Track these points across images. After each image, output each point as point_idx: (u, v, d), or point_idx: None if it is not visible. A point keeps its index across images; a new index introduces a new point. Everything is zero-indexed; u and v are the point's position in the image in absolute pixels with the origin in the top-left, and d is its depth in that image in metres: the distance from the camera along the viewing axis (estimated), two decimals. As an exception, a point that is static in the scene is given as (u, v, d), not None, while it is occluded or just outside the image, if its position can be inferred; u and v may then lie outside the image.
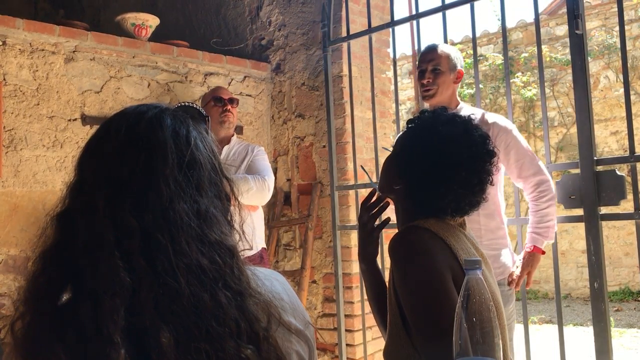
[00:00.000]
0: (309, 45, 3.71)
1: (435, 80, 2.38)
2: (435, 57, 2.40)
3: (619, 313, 6.74)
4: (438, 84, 2.38)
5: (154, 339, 0.66)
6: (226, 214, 0.82)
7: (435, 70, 2.38)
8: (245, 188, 2.81)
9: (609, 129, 7.76)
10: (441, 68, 2.38)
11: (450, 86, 2.42)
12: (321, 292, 3.57)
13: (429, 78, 2.39)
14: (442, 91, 2.39)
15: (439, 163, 1.33)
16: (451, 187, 1.32)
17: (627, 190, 2.45)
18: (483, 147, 1.37)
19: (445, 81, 2.39)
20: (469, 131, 1.37)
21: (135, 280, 0.69)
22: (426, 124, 1.41)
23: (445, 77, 2.39)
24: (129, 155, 0.77)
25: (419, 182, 1.36)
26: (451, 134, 1.35)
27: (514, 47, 8.46)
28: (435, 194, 1.34)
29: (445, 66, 2.39)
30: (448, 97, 2.42)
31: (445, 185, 1.32)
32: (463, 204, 1.37)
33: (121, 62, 3.22)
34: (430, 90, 2.39)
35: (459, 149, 1.33)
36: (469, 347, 0.97)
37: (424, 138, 1.38)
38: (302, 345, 0.84)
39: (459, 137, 1.35)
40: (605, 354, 2.37)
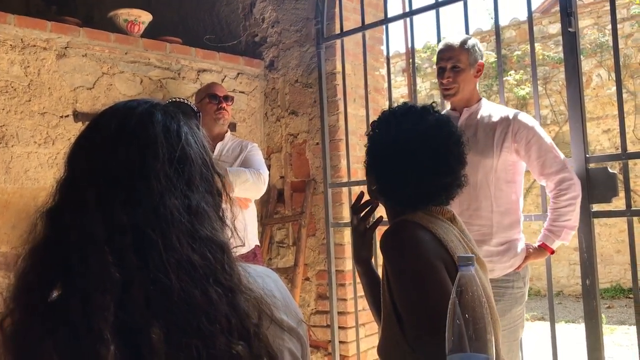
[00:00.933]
0: (303, 42, 3.70)
1: (455, 78, 2.31)
2: (454, 54, 2.31)
3: (610, 310, 6.78)
4: (458, 82, 2.31)
5: (144, 335, 0.66)
6: (218, 209, 0.81)
7: (455, 68, 2.30)
8: (242, 179, 2.82)
9: (601, 127, 7.80)
10: (461, 65, 2.30)
11: (472, 81, 2.35)
12: (314, 289, 3.57)
13: (448, 77, 2.31)
14: (463, 88, 2.32)
15: (396, 155, 1.36)
16: (414, 175, 1.35)
17: (619, 187, 2.47)
18: (440, 131, 1.38)
19: (466, 78, 2.32)
20: (423, 118, 1.39)
21: (125, 276, 0.68)
22: (382, 121, 1.44)
23: (466, 74, 2.31)
24: (119, 150, 0.77)
25: (384, 177, 1.40)
26: (405, 124, 1.38)
27: (507, 46, 8.48)
28: (400, 185, 1.37)
29: (465, 62, 2.30)
30: (469, 93, 2.36)
31: (407, 174, 1.35)
32: (435, 190, 1.38)
33: (113, 58, 3.20)
34: (450, 89, 2.33)
35: (413, 137, 1.35)
36: (461, 343, 0.98)
37: (381, 135, 1.42)
38: (295, 342, 0.84)
39: (412, 126, 1.37)
40: (596, 351, 2.39)
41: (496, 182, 2.26)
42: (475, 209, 2.26)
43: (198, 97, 3.12)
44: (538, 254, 2.27)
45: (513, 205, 2.29)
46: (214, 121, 3.02)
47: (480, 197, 2.25)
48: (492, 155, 2.24)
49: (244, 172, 2.85)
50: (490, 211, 2.25)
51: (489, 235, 2.24)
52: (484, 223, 2.25)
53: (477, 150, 2.27)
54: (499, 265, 2.22)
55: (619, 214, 2.48)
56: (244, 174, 2.84)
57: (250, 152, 3.02)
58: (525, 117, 2.30)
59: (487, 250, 2.23)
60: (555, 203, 2.23)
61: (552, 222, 2.24)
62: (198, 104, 3.06)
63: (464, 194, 2.27)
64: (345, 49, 3.39)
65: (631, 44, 7.58)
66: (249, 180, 2.85)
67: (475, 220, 2.25)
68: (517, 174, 2.31)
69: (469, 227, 2.24)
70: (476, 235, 2.25)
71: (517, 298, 2.23)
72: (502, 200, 2.26)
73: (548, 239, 2.24)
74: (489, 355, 0.97)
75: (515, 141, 2.24)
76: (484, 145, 2.27)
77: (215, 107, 3.01)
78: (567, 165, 2.24)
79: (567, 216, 2.20)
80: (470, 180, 2.24)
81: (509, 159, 2.26)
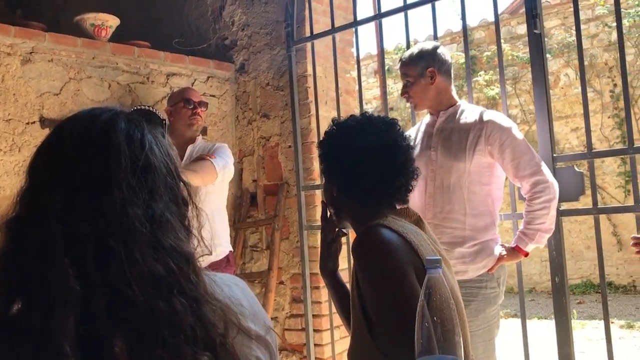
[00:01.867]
0: (273, 45, 3.70)
1: (409, 92, 2.38)
2: (404, 70, 2.39)
3: (581, 305, 6.91)
4: (412, 95, 2.38)
5: (106, 347, 0.65)
6: (183, 219, 0.81)
7: (407, 84, 2.38)
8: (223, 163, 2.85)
9: (569, 126, 7.94)
10: (410, 79, 2.37)
11: (429, 89, 2.37)
12: (289, 292, 3.56)
13: (404, 93, 2.40)
14: (420, 99, 2.39)
15: (347, 156, 1.42)
16: (366, 174, 1.40)
17: (586, 186, 2.51)
18: (387, 135, 1.43)
19: (418, 89, 2.37)
20: (371, 120, 1.46)
21: (87, 288, 0.67)
22: (330, 130, 1.49)
23: (417, 85, 2.36)
24: (81, 159, 0.75)
25: (340, 182, 1.44)
26: (353, 128, 1.45)
27: (477, 46, 8.59)
28: (356, 186, 1.41)
29: (413, 75, 2.36)
30: (433, 99, 2.39)
31: (361, 173, 1.40)
32: (391, 188, 1.42)
33: (81, 63, 3.15)
34: (411, 103, 2.43)
35: (363, 141, 1.41)
36: (430, 345, 0.98)
37: (329, 142, 1.48)
38: (263, 350, 0.83)
39: (360, 128, 1.44)
40: (566, 347, 2.43)
41: (469, 185, 2.27)
42: (449, 211, 2.27)
43: (171, 101, 3.08)
44: (511, 256, 2.27)
45: (488, 207, 2.30)
46: (188, 126, 2.99)
47: (453, 200, 2.27)
48: (464, 159, 2.26)
49: (221, 159, 2.86)
50: (463, 214, 2.26)
51: (462, 237, 2.25)
52: (457, 226, 2.26)
53: (451, 154, 2.29)
54: (473, 266, 2.24)
55: (585, 212, 2.53)
56: (221, 161, 2.85)
57: (215, 148, 2.99)
58: (499, 118, 2.30)
59: (460, 252, 2.24)
60: (529, 206, 2.22)
61: (526, 225, 2.24)
62: (172, 107, 3.03)
63: (438, 197, 2.31)
64: (316, 51, 3.40)
65: (597, 44, 7.74)
66: (228, 165, 2.89)
67: (449, 223, 2.27)
68: (493, 175, 2.31)
69: (442, 229, 2.27)
70: (449, 237, 2.26)
71: (490, 298, 2.25)
72: (475, 202, 2.27)
73: (522, 242, 2.24)
74: (457, 357, 0.98)
75: (489, 144, 2.25)
76: (457, 149, 2.28)
77: (189, 112, 2.99)
78: (543, 167, 2.23)
79: (542, 219, 2.20)
80: (443, 184, 2.28)
81: (483, 162, 2.27)
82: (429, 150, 2.36)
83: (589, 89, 7.49)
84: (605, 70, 7.66)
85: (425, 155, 2.36)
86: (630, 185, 6.76)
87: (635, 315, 6.16)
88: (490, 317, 2.25)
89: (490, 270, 2.25)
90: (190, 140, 3.05)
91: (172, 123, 3.03)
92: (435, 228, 2.27)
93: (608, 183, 7.71)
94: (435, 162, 2.32)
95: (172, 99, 3.09)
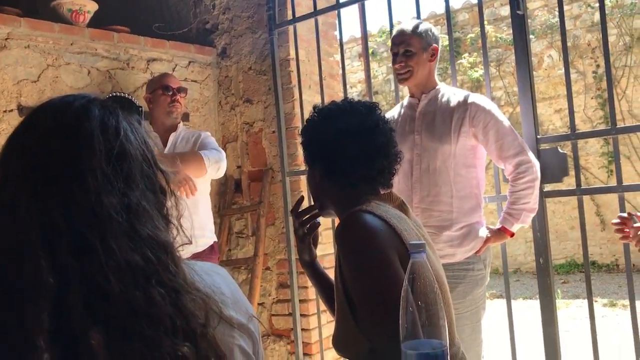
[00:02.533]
0: (255, 29, 3.65)
1: (407, 62, 2.32)
2: (405, 39, 2.33)
3: (565, 285, 7.00)
4: (411, 66, 2.32)
5: (83, 341, 0.63)
6: (161, 207, 0.79)
7: (407, 52, 2.32)
8: (216, 159, 2.85)
9: (553, 107, 7.98)
10: (412, 49, 2.31)
11: (426, 65, 2.35)
12: (275, 278, 3.55)
13: (401, 62, 2.33)
14: (417, 72, 2.33)
15: (330, 141, 1.41)
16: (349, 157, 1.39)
17: (570, 167, 2.52)
18: (368, 118, 1.43)
19: (419, 61, 2.33)
20: (352, 104, 1.45)
21: (62, 281, 0.65)
22: (311, 117, 1.49)
23: (418, 57, 2.32)
24: (53, 147, 0.73)
25: (322, 167, 1.43)
26: (334, 112, 1.44)
27: (461, 28, 8.57)
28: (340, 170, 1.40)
29: (416, 46, 2.32)
30: (424, 77, 2.37)
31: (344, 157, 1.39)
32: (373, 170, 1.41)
33: (58, 49, 3.09)
34: (404, 73, 2.34)
35: (344, 124, 1.40)
36: (415, 330, 0.98)
37: (310, 129, 1.47)
38: (245, 339, 0.82)
39: (341, 113, 1.43)
40: (551, 326, 2.45)
41: (455, 167, 2.27)
42: (436, 194, 2.27)
43: (150, 88, 3.03)
44: (498, 237, 2.29)
45: (473, 189, 2.30)
46: (168, 114, 2.95)
47: (439, 183, 2.27)
48: (449, 141, 2.26)
49: (217, 153, 2.88)
50: (450, 196, 2.27)
51: (450, 220, 2.26)
52: (444, 209, 2.26)
53: (435, 137, 2.28)
54: (460, 249, 2.25)
55: (569, 193, 2.54)
56: (217, 154, 2.87)
57: (203, 139, 2.98)
58: (482, 100, 2.31)
59: (448, 235, 2.25)
60: (513, 186, 2.25)
61: (511, 205, 2.26)
62: (150, 94, 2.99)
63: (424, 180, 2.30)
64: (299, 34, 3.36)
65: (580, 24, 7.76)
66: (222, 160, 2.89)
67: (436, 206, 2.27)
68: (477, 157, 2.32)
69: (429, 213, 2.27)
70: (437, 221, 2.27)
71: (477, 280, 2.27)
72: (461, 185, 2.28)
73: (507, 222, 2.26)
74: (442, 340, 0.98)
75: (473, 125, 2.25)
76: (442, 132, 2.28)
77: (168, 99, 2.95)
78: (526, 148, 2.25)
79: (526, 199, 2.22)
80: (429, 167, 2.28)
81: (467, 144, 2.27)
82: (412, 134, 2.35)
83: (572, 70, 7.52)
84: (588, 51, 7.68)
85: (408, 139, 2.35)
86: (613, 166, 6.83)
87: (618, 294, 6.25)
88: (477, 298, 2.27)
89: (477, 253, 2.27)
90: (172, 127, 3.02)
91: (152, 110, 2.99)
92: (423, 212, 2.28)
93: (591, 164, 7.77)
94: (419, 145, 2.32)
95: (150, 86, 3.05)
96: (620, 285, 6.59)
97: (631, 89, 7.34)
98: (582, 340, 4.60)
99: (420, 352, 0.96)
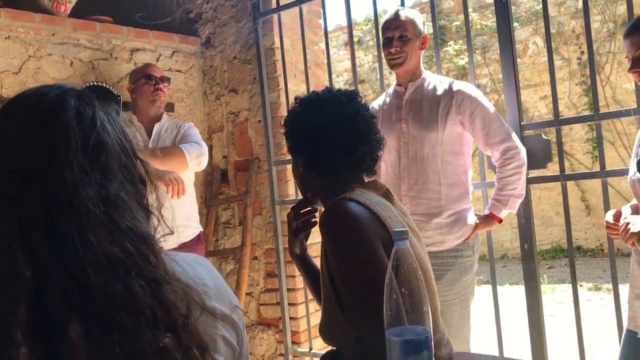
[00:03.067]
0: (239, 18, 3.62)
1: (402, 47, 2.31)
2: (400, 24, 2.32)
3: (551, 270, 7.08)
4: (406, 51, 2.32)
5: (61, 333, 0.63)
6: (140, 198, 0.78)
7: (402, 37, 2.31)
8: (197, 153, 2.84)
9: (538, 94, 8.02)
10: (408, 35, 2.31)
11: (417, 53, 2.36)
12: (263, 268, 3.56)
13: (396, 46, 2.31)
14: (410, 58, 2.33)
15: (312, 130, 1.41)
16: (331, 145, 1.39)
17: (554, 153, 2.54)
18: (349, 105, 1.43)
19: (413, 48, 2.33)
20: (332, 93, 1.45)
21: (39, 274, 0.65)
22: (293, 108, 1.49)
23: (413, 43, 2.33)
24: (28, 139, 0.72)
25: (305, 157, 1.44)
26: (315, 102, 1.44)
27: (446, 16, 8.56)
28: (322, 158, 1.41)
29: (411, 32, 2.32)
30: (415, 65, 2.37)
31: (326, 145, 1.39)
32: (355, 156, 1.41)
33: (40, 40, 3.05)
34: (398, 58, 2.33)
35: (325, 112, 1.41)
36: (399, 317, 0.99)
37: (292, 119, 1.47)
38: (229, 329, 0.82)
39: (322, 102, 1.43)
40: (535, 311, 2.48)
41: (442, 155, 2.28)
42: (424, 182, 2.28)
43: (133, 78, 3.01)
44: (486, 223, 2.31)
45: (461, 176, 2.31)
46: (151, 103, 2.94)
47: (427, 170, 2.28)
48: (437, 129, 2.26)
49: (198, 147, 2.87)
50: (438, 184, 2.27)
51: (439, 208, 2.27)
52: (432, 196, 2.27)
53: (422, 124, 2.29)
54: (450, 236, 2.26)
55: (553, 179, 2.56)
56: (198, 148, 2.87)
57: (186, 131, 2.97)
58: (468, 87, 2.32)
59: (438, 222, 2.26)
60: (501, 172, 2.26)
61: (498, 192, 2.27)
62: (133, 85, 2.97)
63: (412, 168, 2.31)
64: (283, 23, 3.34)
65: (564, 11, 7.78)
66: (203, 155, 2.89)
67: (424, 194, 2.28)
68: (464, 145, 2.33)
69: (418, 200, 2.28)
70: (426, 208, 2.28)
71: (466, 267, 2.28)
72: (449, 172, 2.28)
73: (495, 208, 2.28)
74: (426, 327, 0.99)
75: (459, 112, 2.26)
76: (429, 119, 2.28)
77: (152, 88, 2.93)
78: (512, 134, 2.27)
79: (513, 185, 2.24)
80: (417, 155, 2.28)
81: (454, 131, 2.28)
82: (399, 122, 2.35)
83: (557, 57, 7.55)
84: (572, 38, 7.71)
85: (395, 128, 2.35)
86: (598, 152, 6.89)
87: (603, 278, 6.33)
88: (466, 285, 2.29)
89: (466, 240, 2.28)
90: (156, 118, 3.01)
91: (135, 101, 2.98)
92: (412, 200, 2.28)
93: (576, 150, 7.83)
94: (406, 134, 2.32)
95: (133, 76, 3.03)
96: (605, 270, 6.67)
97: (615, 75, 7.38)
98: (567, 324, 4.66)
99: (405, 339, 0.97)
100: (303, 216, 1.52)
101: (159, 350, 0.67)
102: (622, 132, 7.33)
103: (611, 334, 4.22)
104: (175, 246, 2.75)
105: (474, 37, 8.06)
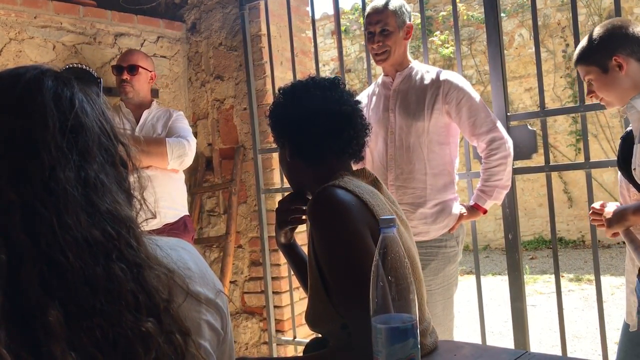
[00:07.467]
0: (225, 4, 3.58)
1: (385, 42, 2.29)
2: (381, 17, 2.29)
3: (533, 261, 7.15)
4: (389, 45, 2.30)
5: (40, 318, 0.61)
6: (121, 181, 0.76)
7: (384, 31, 2.29)
8: (180, 152, 2.76)
9: (523, 86, 8.06)
10: (389, 28, 2.29)
11: (402, 44, 2.34)
12: (247, 256, 3.54)
13: (378, 41, 2.29)
14: (394, 51, 2.31)
15: (297, 118, 1.40)
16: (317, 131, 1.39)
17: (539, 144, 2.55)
18: (332, 90, 1.43)
19: (396, 41, 2.31)
20: (315, 80, 1.45)
21: (16, 258, 0.63)
22: (276, 99, 1.48)
23: (395, 36, 2.30)
24: (4, 121, 0.70)
25: (291, 145, 1.43)
26: (298, 90, 1.44)
27: (433, 7, 8.56)
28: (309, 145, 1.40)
29: (393, 25, 2.29)
30: (400, 56, 2.35)
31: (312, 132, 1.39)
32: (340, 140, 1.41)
33: (22, 23, 2.99)
34: (382, 53, 2.31)
35: (309, 98, 1.40)
36: (385, 304, 0.98)
37: (276, 109, 1.47)
38: (213, 314, 0.81)
39: (305, 90, 1.43)
40: (518, 301, 2.50)
41: (429, 145, 2.27)
42: (410, 171, 2.28)
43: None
44: (471, 214, 2.32)
45: (447, 166, 2.31)
46: (122, 94, 2.92)
47: (413, 159, 2.27)
48: (423, 118, 2.26)
49: (182, 145, 2.78)
50: (424, 173, 2.27)
51: (424, 197, 2.27)
52: (418, 185, 2.27)
53: (409, 114, 2.28)
54: (434, 226, 2.26)
55: (538, 170, 2.57)
56: (183, 146, 2.77)
57: (175, 121, 2.93)
58: (455, 77, 2.31)
59: (423, 212, 2.26)
60: (486, 163, 2.26)
61: (484, 182, 2.28)
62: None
63: (398, 158, 2.31)
64: (270, 10, 3.30)
65: (550, 3, 7.81)
66: (186, 154, 2.80)
67: (410, 183, 2.28)
68: (450, 135, 2.33)
69: (404, 190, 2.28)
70: (411, 198, 2.27)
71: (450, 257, 2.29)
72: (435, 162, 2.28)
73: (480, 199, 2.29)
74: (412, 315, 0.98)
75: (446, 102, 2.26)
76: (416, 109, 2.27)
77: (119, 79, 2.93)
78: (498, 125, 2.26)
79: (499, 176, 2.24)
80: (403, 144, 2.28)
81: (440, 121, 2.28)
82: (387, 112, 2.35)
83: (542, 49, 7.58)
84: (558, 30, 7.75)
85: (383, 117, 2.35)
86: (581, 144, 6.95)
87: (584, 269, 6.41)
88: (449, 275, 2.29)
89: (451, 230, 2.29)
90: (145, 105, 2.97)
91: None
92: (398, 189, 2.28)
93: (560, 142, 7.90)
94: (394, 123, 2.32)
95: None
96: (586, 261, 6.75)
97: (599, 68, 7.42)
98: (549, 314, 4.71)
99: (391, 326, 0.97)
100: (293, 212, 1.51)
101: (141, 335, 0.66)
102: (605, 125, 7.40)
103: (592, 324, 4.27)
104: (160, 226, 2.72)
105: (461, 28, 8.06)
